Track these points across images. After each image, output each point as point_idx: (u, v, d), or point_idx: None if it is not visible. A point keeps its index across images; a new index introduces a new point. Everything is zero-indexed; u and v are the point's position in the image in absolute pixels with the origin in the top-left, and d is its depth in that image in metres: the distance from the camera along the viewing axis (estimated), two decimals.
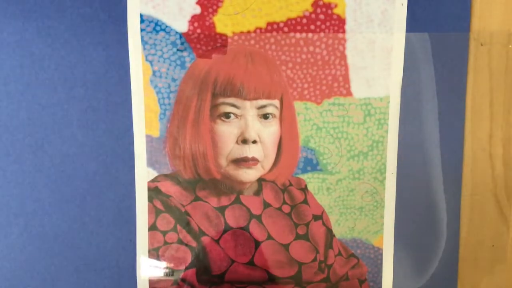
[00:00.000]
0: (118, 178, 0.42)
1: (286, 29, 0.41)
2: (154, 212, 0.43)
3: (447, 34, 0.41)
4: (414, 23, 0.41)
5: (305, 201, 0.43)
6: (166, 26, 0.40)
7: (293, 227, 0.43)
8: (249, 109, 0.41)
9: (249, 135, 0.41)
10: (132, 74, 0.41)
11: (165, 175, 0.42)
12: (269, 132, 0.42)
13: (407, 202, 0.43)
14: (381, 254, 0.44)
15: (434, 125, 0.43)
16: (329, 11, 0.41)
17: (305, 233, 0.43)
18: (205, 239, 0.43)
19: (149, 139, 0.42)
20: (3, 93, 0.41)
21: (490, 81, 0.42)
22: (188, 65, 0.41)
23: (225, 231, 0.43)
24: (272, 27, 0.41)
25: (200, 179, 0.42)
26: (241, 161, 0.42)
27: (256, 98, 0.41)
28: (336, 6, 0.40)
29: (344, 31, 0.41)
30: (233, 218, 0.43)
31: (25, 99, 0.41)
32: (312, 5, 0.40)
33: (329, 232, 0.44)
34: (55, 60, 0.41)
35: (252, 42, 0.41)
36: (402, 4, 0.41)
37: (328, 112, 0.42)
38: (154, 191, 0.42)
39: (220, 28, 0.41)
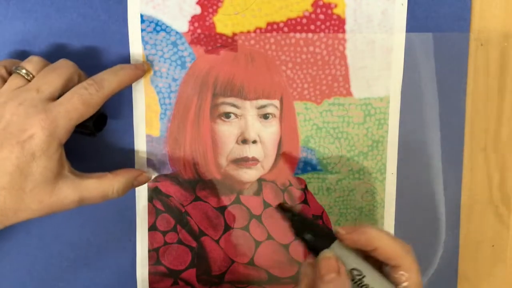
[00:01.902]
0: None
1: (286, 29, 0.41)
2: (154, 212, 0.43)
3: (447, 34, 0.41)
4: (414, 23, 0.41)
5: (305, 201, 0.43)
6: (167, 26, 0.40)
7: None
8: (249, 109, 0.41)
9: (249, 135, 0.42)
10: None
11: (165, 175, 0.42)
12: (269, 132, 0.42)
13: (407, 202, 0.43)
14: None
15: (434, 125, 0.43)
16: (329, 11, 0.41)
17: None
18: (205, 239, 0.43)
19: (150, 139, 0.42)
20: None
21: (490, 81, 0.42)
22: (188, 65, 0.41)
23: (225, 231, 0.43)
24: (272, 27, 0.41)
25: (200, 179, 0.42)
26: (241, 161, 0.42)
27: (256, 98, 0.41)
28: (336, 6, 0.41)
29: (344, 31, 0.41)
30: (233, 218, 0.43)
31: None
32: (312, 5, 0.40)
33: None
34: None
35: (252, 42, 0.41)
36: (402, 4, 0.41)
37: (328, 112, 0.42)
38: (154, 191, 0.42)
39: (220, 28, 0.41)
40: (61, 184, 0.35)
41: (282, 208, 0.34)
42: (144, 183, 0.41)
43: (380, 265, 0.33)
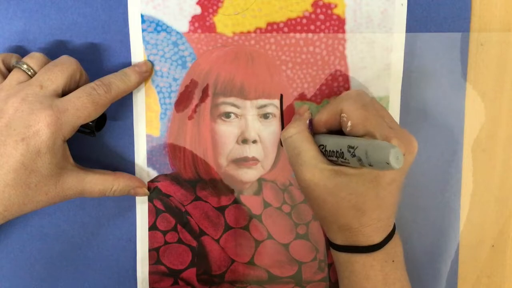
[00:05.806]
0: None
1: (286, 29, 0.41)
2: (154, 211, 0.43)
3: (447, 34, 0.41)
4: (414, 23, 0.41)
5: (305, 201, 0.43)
6: (167, 27, 0.41)
7: (293, 226, 0.43)
8: (249, 108, 0.41)
9: (249, 135, 0.42)
10: None
11: (165, 175, 0.42)
12: (269, 132, 0.42)
13: (407, 202, 0.43)
14: None
15: (434, 125, 0.43)
16: (329, 11, 0.41)
17: (305, 232, 0.43)
18: (205, 239, 0.43)
19: (150, 138, 0.42)
20: None
21: (490, 81, 0.43)
22: (189, 65, 0.41)
23: (225, 231, 0.43)
24: (272, 27, 0.41)
25: (200, 179, 0.43)
26: (241, 161, 0.42)
27: (256, 98, 0.41)
28: (336, 6, 0.41)
29: (344, 31, 0.41)
30: (233, 218, 0.43)
31: None
32: (312, 5, 0.41)
33: None
34: None
35: (252, 42, 0.41)
36: (402, 4, 0.41)
37: None
38: (154, 191, 0.42)
39: (220, 28, 0.41)
40: (65, 176, 0.35)
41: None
42: (141, 195, 0.41)
43: None
